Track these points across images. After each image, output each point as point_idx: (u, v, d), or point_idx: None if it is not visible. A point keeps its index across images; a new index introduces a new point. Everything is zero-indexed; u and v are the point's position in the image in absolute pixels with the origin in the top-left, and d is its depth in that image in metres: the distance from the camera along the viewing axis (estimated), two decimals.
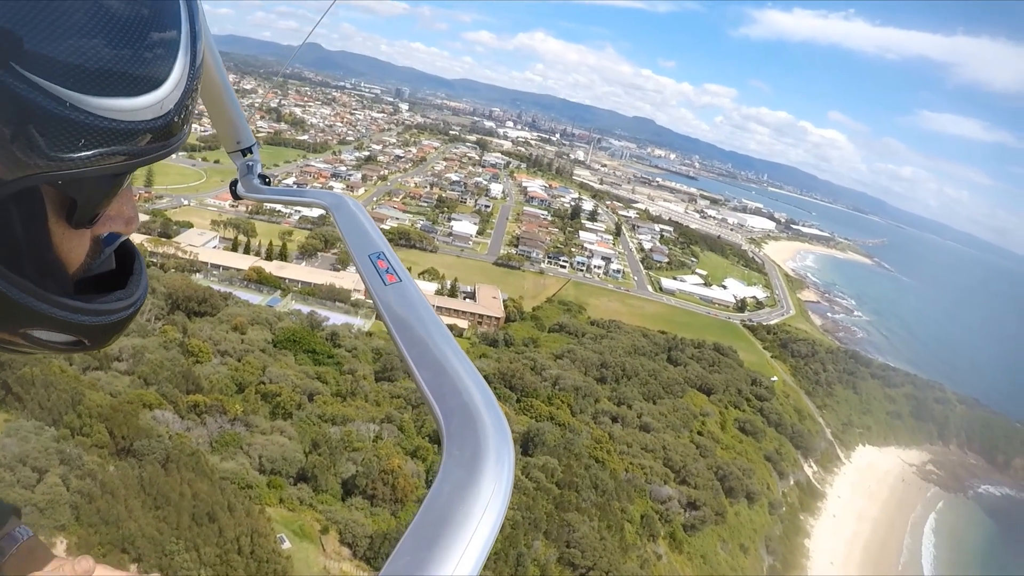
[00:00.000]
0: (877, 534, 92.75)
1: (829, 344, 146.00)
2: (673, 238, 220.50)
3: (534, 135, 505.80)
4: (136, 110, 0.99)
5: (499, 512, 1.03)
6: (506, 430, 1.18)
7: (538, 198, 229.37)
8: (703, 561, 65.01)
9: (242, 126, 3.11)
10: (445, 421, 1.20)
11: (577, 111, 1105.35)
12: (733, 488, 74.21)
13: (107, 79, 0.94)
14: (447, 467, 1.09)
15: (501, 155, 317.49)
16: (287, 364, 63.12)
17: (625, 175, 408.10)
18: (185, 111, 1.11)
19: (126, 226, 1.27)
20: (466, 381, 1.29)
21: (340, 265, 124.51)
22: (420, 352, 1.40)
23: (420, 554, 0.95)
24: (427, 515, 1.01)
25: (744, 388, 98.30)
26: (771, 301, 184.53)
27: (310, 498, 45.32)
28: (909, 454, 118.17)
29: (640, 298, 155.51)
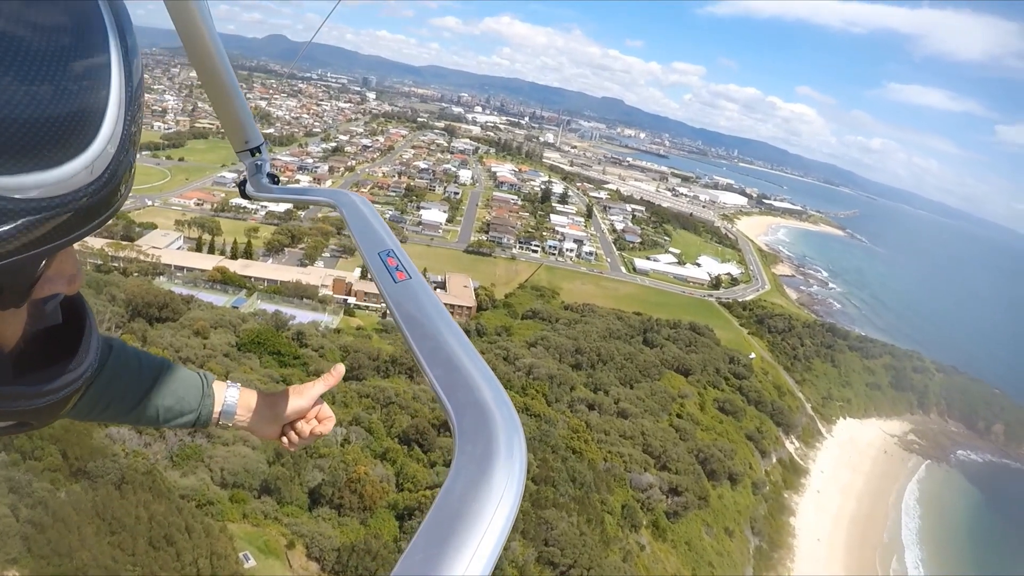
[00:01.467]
0: (862, 508, 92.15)
1: (806, 318, 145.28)
2: (645, 218, 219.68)
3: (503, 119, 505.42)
4: (60, 181, 0.86)
5: (511, 509, 1.03)
6: (518, 426, 1.20)
7: (508, 183, 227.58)
8: (688, 548, 63.76)
9: (250, 125, 3.17)
10: (457, 417, 1.22)
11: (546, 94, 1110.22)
12: (715, 471, 73.13)
13: (18, 153, 0.80)
14: (459, 464, 1.11)
15: (470, 141, 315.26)
16: (251, 368, 60.87)
17: (595, 156, 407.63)
18: (123, 164, 0.98)
19: (68, 285, 1.14)
20: (477, 377, 1.33)
21: (307, 260, 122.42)
22: (431, 349, 1.43)
23: (433, 552, 0.95)
24: (440, 512, 1.01)
25: (722, 367, 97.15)
26: (746, 277, 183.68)
27: (275, 511, 43.37)
28: (890, 425, 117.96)
29: (614, 280, 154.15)
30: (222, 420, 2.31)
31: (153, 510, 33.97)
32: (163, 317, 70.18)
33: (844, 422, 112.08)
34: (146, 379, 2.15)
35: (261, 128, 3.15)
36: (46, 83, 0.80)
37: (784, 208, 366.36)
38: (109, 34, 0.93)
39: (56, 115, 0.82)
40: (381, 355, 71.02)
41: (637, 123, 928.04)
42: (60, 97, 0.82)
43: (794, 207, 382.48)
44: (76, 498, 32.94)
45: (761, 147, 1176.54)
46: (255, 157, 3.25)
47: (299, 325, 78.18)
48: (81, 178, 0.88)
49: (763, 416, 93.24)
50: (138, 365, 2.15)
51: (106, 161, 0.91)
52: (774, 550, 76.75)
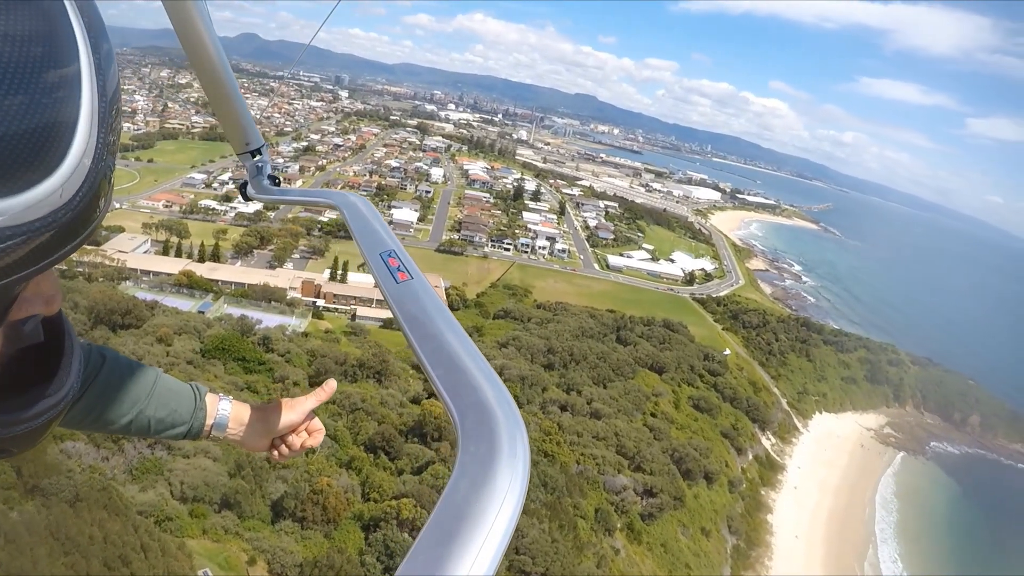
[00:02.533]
0: (840, 502, 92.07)
1: (780, 312, 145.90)
2: (618, 214, 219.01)
3: (476, 117, 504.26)
4: (27, 207, 0.80)
5: (515, 509, 1.03)
6: (521, 426, 1.19)
7: (480, 180, 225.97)
8: (664, 550, 62.86)
9: (250, 127, 3.16)
10: (460, 418, 1.21)
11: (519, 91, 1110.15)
12: (690, 470, 72.29)
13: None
14: (463, 464, 1.10)
15: (442, 138, 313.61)
16: (215, 375, 59.29)
17: (569, 152, 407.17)
18: (100, 177, 0.92)
19: (46, 306, 1.10)
20: (480, 377, 1.31)
21: (276, 262, 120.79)
22: (433, 349, 1.43)
23: (437, 552, 0.95)
24: (443, 513, 1.01)
25: (696, 364, 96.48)
26: (720, 272, 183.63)
27: (235, 526, 41.62)
28: (866, 418, 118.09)
29: (587, 277, 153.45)
30: (214, 432, 2.34)
31: (108, 529, 32.53)
32: (126, 324, 68.27)
33: (820, 417, 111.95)
34: (139, 390, 2.17)
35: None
36: (8, 99, 0.75)
37: (757, 202, 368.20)
38: (79, 40, 0.89)
39: (20, 134, 0.77)
40: (348, 359, 69.48)
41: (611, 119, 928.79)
42: (24, 115, 0.77)
43: (767, 201, 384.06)
44: (29, 518, 31.45)
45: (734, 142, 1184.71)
46: (256, 159, 3.23)
47: (265, 330, 76.43)
48: (53, 200, 0.83)
49: (738, 413, 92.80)
50: (131, 376, 2.16)
51: (80, 178, 0.87)
52: (752, 548, 76.22)
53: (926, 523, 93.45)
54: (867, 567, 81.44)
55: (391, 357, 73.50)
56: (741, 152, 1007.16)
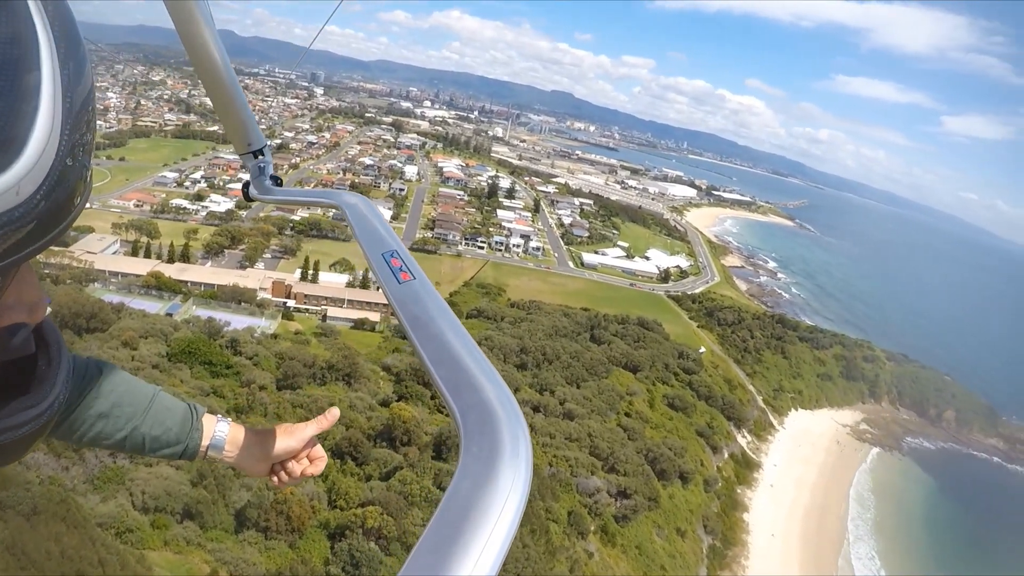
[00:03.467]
0: (816, 500, 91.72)
1: (756, 309, 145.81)
2: (593, 211, 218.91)
3: (452, 114, 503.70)
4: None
5: (517, 509, 1.04)
6: (523, 426, 1.20)
7: (454, 178, 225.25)
8: (638, 552, 62.08)
9: (252, 128, 3.17)
10: (462, 418, 1.21)
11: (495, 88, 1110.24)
12: (665, 470, 71.51)
13: None
14: (465, 463, 1.11)
15: (417, 136, 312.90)
16: (181, 380, 57.97)
17: (544, 150, 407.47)
18: (65, 178, 0.91)
19: (30, 314, 1.11)
20: (482, 378, 1.31)
21: (247, 262, 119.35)
22: (435, 349, 1.43)
23: (440, 552, 0.95)
24: (446, 513, 1.01)
25: (671, 362, 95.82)
26: (695, 269, 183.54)
27: (198, 537, 40.26)
28: (842, 415, 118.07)
29: (561, 275, 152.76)
30: (210, 453, 2.34)
31: (66, 543, 31.26)
32: (92, 327, 66.71)
33: (796, 414, 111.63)
34: (134, 406, 2.16)
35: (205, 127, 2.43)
36: None
37: (733, 199, 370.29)
38: (39, 34, 0.88)
39: None
40: (317, 362, 68.24)
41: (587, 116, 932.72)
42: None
43: (743, 198, 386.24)
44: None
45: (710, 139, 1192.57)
46: (258, 159, 3.23)
47: (234, 332, 75.04)
48: (7, 198, 0.81)
49: (714, 411, 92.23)
50: (127, 391, 2.15)
51: (41, 175, 0.86)
52: (728, 548, 75.68)
53: (903, 519, 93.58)
54: (844, 564, 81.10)
55: (361, 359, 72.36)
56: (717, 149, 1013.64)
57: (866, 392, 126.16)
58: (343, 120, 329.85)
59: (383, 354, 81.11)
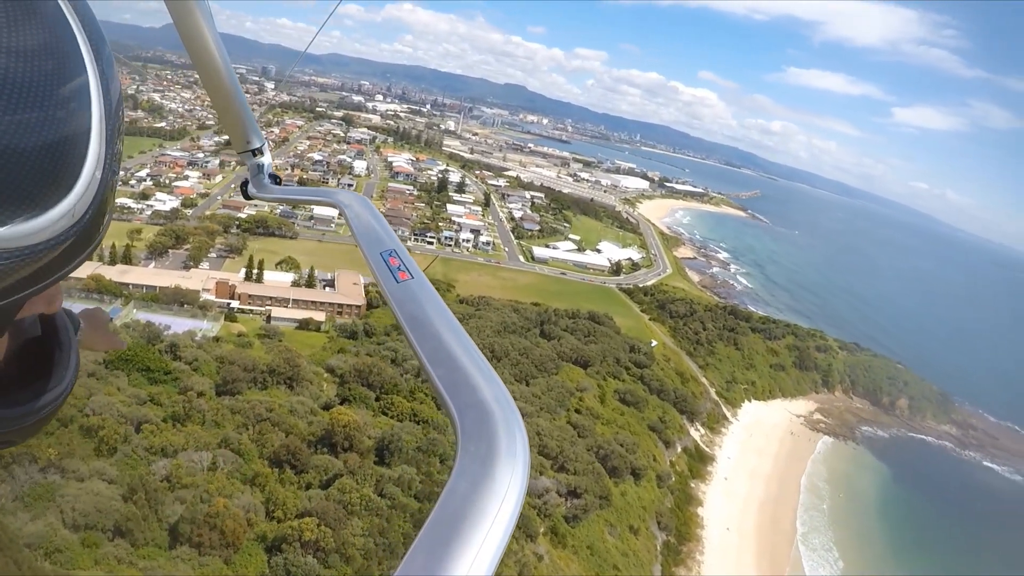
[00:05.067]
0: (771, 491, 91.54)
1: (708, 301, 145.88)
2: (545, 204, 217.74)
3: (404, 107, 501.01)
4: (40, 231, 0.81)
5: (515, 508, 1.05)
6: (521, 426, 1.22)
7: (404, 172, 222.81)
8: (590, 552, 60.86)
9: (252, 126, 3.24)
10: (459, 417, 1.23)
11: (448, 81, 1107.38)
12: (617, 467, 70.63)
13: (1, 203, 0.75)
14: (462, 464, 1.12)
15: (368, 130, 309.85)
16: (118, 388, 55.67)
17: (497, 143, 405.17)
18: (105, 196, 0.94)
19: (48, 306, 1.15)
20: (480, 377, 1.34)
21: (192, 262, 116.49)
22: (433, 349, 1.44)
23: (436, 552, 0.95)
24: (443, 512, 1.02)
25: (622, 356, 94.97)
26: (647, 261, 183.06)
27: (129, 555, 38.22)
28: (796, 405, 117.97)
29: (512, 270, 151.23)
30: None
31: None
32: None
33: (749, 405, 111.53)
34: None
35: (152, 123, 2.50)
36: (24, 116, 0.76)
37: (686, 191, 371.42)
38: (83, 50, 0.89)
39: (37, 156, 0.77)
40: (258, 365, 66.06)
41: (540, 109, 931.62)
42: (40, 134, 0.78)
43: (696, 189, 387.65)
44: None
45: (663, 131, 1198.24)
46: (257, 158, 3.27)
47: (174, 336, 72.48)
48: (65, 221, 0.84)
49: (666, 405, 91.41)
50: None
51: (92, 194, 0.88)
52: (683, 543, 74.86)
53: (858, 508, 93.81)
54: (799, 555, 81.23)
55: (304, 361, 70.36)
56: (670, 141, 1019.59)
57: (819, 382, 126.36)
58: (293, 115, 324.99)
59: (328, 355, 79.30)
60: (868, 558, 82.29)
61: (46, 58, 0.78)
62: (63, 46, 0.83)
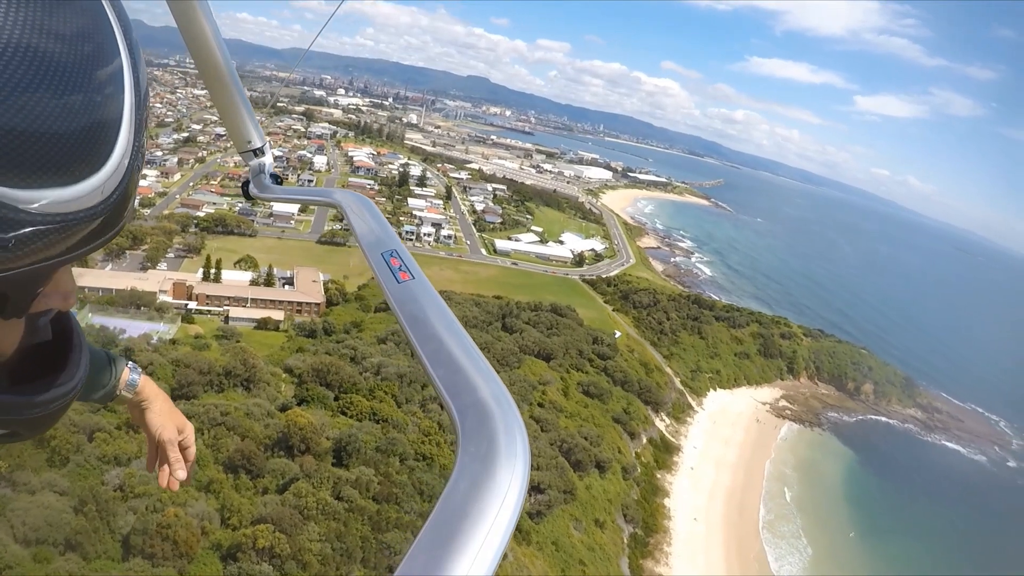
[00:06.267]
0: (738, 480, 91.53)
1: (672, 290, 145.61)
2: (507, 196, 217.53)
3: (366, 101, 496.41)
4: (74, 199, 0.85)
5: (515, 508, 1.05)
6: (521, 426, 1.22)
7: (364, 167, 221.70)
8: (555, 548, 60.10)
9: (253, 126, 3.22)
10: (460, 418, 1.24)
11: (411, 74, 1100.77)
12: (581, 460, 70.01)
13: (38, 169, 0.79)
14: (462, 463, 1.12)
15: (329, 125, 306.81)
16: None
17: (459, 135, 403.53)
18: (133, 184, 0.99)
19: (64, 301, 1.17)
20: (480, 378, 1.35)
21: (149, 263, 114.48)
22: (434, 349, 1.46)
23: (436, 552, 0.95)
24: (443, 512, 1.02)
25: (585, 348, 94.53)
26: (610, 252, 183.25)
27: (81, 569, 37.12)
28: (761, 393, 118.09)
29: (473, 263, 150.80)
30: (123, 393, 2.42)
31: None
32: None
33: (715, 394, 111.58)
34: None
35: None
36: (68, 98, 0.80)
37: (649, 180, 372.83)
38: (116, 35, 0.93)
39: (78, 131, 0.82)
40: (213, 368, 64.73)
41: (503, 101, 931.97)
42: (81, 112, 0.82)
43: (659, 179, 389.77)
44: None
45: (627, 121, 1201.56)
46: (258, 158, 3.27)
47: (129, 340, 71.13)
48: (93, 197, 0.88)
49: (630, 396, 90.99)
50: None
51: (120, 174, 0.92)
52: (650, 535, 74.57)
53: (825, 494, 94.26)
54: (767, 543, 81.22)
55: (261, 361, 69.20)
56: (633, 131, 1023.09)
57: (784, 369, 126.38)
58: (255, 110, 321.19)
59: (286, 355, 78.31)
60: (836, 543, 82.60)
61: (84, 42, 0.84)
62: (100, 30, 0.88)
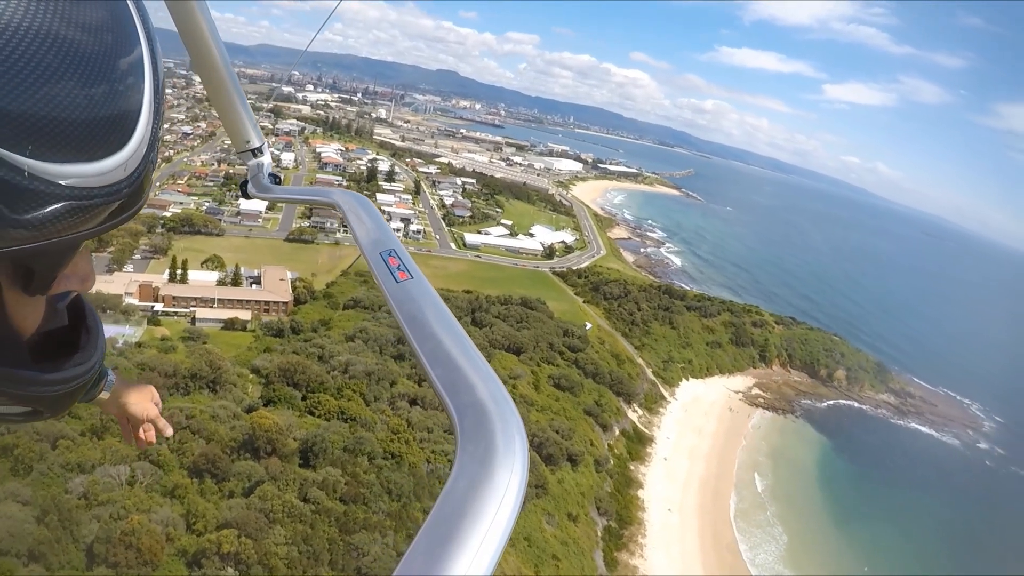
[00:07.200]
0: (711, 469, 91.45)
1: (643, 281, 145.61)
2: (476, 190, 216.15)
3: (335, 97, 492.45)
4: (99, 175, 0.89)
5: (514, 508, 1.05)
6: (520, 425, 1.21)
7: (332, 163, 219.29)
8: (528, 544, 59.51)
9: (252, 126, 3.20)
10: (458, 417, 1.23)
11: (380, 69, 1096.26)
12: (552, 455, 69.72)
13: (64, 143, 0.83)
14: (461, 463, 1.12)
15: (297, 121, 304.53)
16: None
17: (429, 130, 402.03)
18: (151, 164, 1.02)
19: (82, 284, 1.19)
20: (479, 377, 1.35)
21: (115, 265, 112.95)
22: (432, 349, 1.47)
23: (435, 552, 0.95)
24: (441, 512, 1.02)
25: (556, 341, 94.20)
26: (580, 244, 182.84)
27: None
28: (734, 381, 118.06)
29: (443, 257, 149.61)
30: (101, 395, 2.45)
31: None
32: None
33: (687, 384, 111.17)
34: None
35: None
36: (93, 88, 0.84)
37: (620, 171, 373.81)
38: (136, 25, 0.96)
39: (99, 113, 0.86)
40: (179, 370, 63.80)
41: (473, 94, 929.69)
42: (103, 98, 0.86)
43: (630, 170, 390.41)
44: None
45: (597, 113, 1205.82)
46: (257, 158, 3.26)
47: None
48: (117, 173, 0.91)
49: (602, 388, 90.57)
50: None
51: (138, 159, 0.95)
52: (624, 527, 74.27)
53: (799, 481, 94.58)
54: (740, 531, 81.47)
55: (227, 362, 68.32)
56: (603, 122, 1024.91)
57: (756, 357, 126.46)
58: None
59: (253, 355, 77.41)
60: (812, 530, 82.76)
61: (106, 32, 0.87)
62: (121, 21, 0.92)
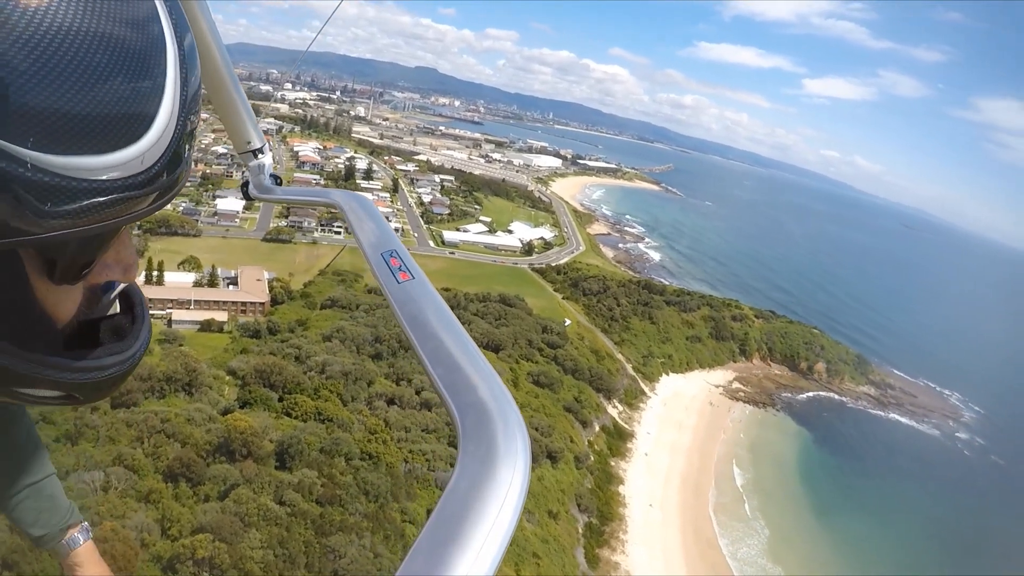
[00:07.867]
0: (692, 464, 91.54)
1: (622, 276, 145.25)
2: (455, 187, 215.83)
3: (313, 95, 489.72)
4: (111, 167, 0.89)
5: (516, 508, 1.05)
6: (521, 425, 1.22)
7: (310, 162, 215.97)
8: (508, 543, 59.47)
9: (252, 127, 3.25)
10: (460, 417, 1.23)
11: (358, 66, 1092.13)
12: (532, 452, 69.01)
13: (72, 135, 0.83)
14: (463, 463, 1.12)
15: (275, 120, 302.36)
16: None
17: (407, 127, 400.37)
18: (177, 157, 1.01)
19: (124, 274, 1.20)
20: (480, 377, 1.33)
21: None
22: (434, 349, 1.45)
23: (437, 552, 0.96)
24: (444, 512, 1.02)
25: (535, 338, 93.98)
26: (560, 240, 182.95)
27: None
28: (714, 376, 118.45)
29: (422, 255, 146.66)
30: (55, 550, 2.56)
31: None
32: None
33: (667, 379, 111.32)
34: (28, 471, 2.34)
35: None
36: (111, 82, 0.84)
37: (599, 167, 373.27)
38: (164, 26, 0.97)
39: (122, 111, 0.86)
40: (154, 374, 63.12)
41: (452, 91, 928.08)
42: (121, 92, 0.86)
43: (609, 165, 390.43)
44: None
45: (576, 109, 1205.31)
46: (257, 158, 3.31)
47: None
48: (132, 166, 0.91)
49: (581, 384, 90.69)
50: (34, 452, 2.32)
51: (158, 153, 0.95)
52: (605, 524, 74.19)
53: (780, 474, 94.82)
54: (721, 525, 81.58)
55: (203, 365, 67.64)
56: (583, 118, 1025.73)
57: (736, 351, 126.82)
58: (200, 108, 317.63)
59: (230, 356, 76.69)
60: (793, 523, 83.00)
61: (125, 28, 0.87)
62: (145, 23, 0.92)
